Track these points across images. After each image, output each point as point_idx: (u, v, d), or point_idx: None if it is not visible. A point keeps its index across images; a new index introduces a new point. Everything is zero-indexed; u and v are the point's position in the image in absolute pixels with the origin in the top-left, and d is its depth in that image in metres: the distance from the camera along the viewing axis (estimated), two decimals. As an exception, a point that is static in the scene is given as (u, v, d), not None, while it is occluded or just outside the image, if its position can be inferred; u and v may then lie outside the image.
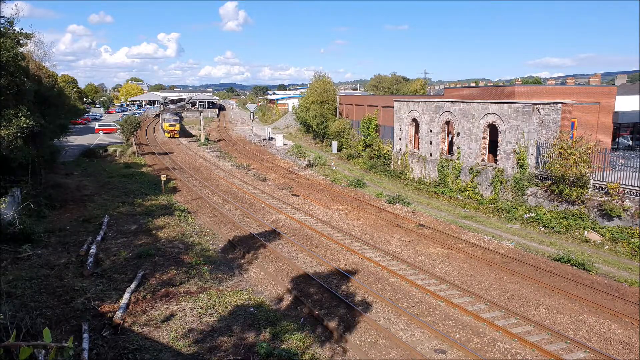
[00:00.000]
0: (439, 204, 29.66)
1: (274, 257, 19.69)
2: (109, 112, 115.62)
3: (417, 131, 36.39)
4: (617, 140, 36.27)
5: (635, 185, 21.81)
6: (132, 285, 15.12)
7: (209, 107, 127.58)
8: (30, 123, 20.34)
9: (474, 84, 75.94)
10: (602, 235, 21.77)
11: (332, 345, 12.79)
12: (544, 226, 23.87)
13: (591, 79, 53.28)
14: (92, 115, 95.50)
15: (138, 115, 77.24)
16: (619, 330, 13.84)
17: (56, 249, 18.98)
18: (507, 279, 17.70)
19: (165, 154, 52.47)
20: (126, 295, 14.31)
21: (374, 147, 43.27)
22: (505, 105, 27.39)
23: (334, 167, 43.22)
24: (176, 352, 11.68)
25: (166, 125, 69.75)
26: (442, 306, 15.24)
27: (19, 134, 19.81)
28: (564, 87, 37.51)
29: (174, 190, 33.19)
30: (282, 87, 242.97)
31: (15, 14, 20.53)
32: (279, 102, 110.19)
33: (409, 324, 14.06)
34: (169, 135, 68.92)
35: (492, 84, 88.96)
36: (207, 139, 64.40)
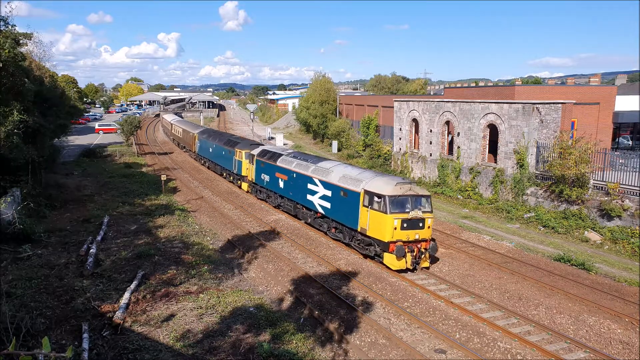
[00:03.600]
0: (439, 204, 29.64)
1: (274, 257, 19.69)
2: (109, 112, 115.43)
3: (417, 131, 36.38)
4: (617, 140, 36.28)
5: (635, 185, 21.81)
6: (132, 285, 15.12)
7: (209, 107, 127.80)
8: (25, 118, 20.19)
9: (474, 84, 75.96)
10: (602, 235, 21.77)
11: (332, 346, 12.79)
12: (544, 226, 23.86)
13: (591, 79, 53.33)
14: (92, 115, 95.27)
15: (138, 115, 77.06)
16: (619, 330, 13.85)
17: (56, 249, 18.99)
18: (507, 278, 17.70)
19: (165, 154, 52.48)
20: (126, 295, 14.31)
21: (374, 147, 43.25)
22: (505, 105, 27.39)
23: (334, 167, 43.14)
24: (176, 352, 11.68)
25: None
26: (442, 306, 15.24)
27: (15, 131, 19.72)
28: (564, 87, 37.52)
29: (174, 190, 33.18)
30: (282, 87, 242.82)
31: (9, 11, 20.34)
32: (279, 102, 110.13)
33: (409, 324, 14.06)
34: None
35: (492, 84, 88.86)
36: None
